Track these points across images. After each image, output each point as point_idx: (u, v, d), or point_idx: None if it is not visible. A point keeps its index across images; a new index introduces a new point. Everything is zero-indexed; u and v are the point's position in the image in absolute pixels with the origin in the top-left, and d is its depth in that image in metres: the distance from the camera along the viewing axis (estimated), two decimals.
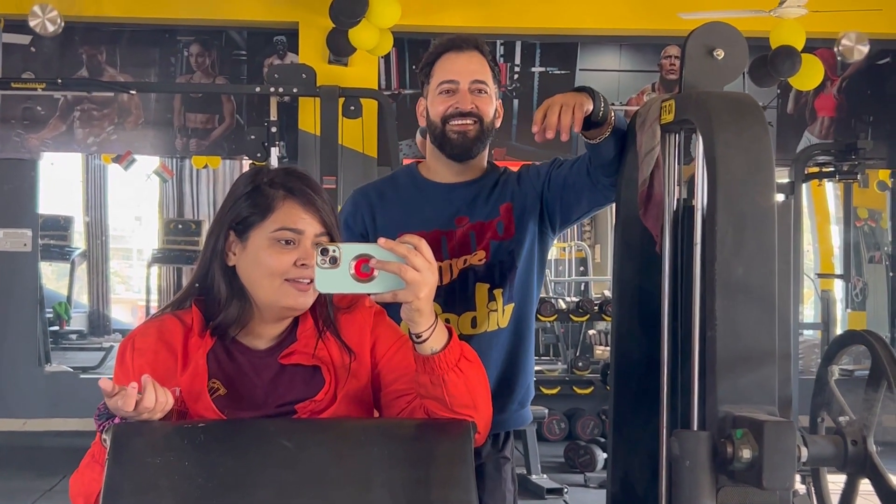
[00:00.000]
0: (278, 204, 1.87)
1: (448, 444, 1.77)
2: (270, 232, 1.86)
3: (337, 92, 6.68)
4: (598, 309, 6.76)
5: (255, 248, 1.87)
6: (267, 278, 1.86)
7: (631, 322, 2.30)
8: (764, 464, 1.66)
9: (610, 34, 7.78)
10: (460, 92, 2.49)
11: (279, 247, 1.85)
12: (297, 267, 1.84)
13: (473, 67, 2.51)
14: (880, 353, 1.95)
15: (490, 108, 2.53)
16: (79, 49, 7.54)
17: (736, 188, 1.83)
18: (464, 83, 2.49)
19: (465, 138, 2.50)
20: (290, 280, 1.84)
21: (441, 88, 2.51)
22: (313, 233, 1.86)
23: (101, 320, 12.26)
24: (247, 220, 1.88)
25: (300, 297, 1.86)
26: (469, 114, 2.49)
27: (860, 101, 8.03)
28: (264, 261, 1.86)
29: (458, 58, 2.52)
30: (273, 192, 1.88)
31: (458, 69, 2.51)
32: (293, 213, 1.87)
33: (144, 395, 1.71)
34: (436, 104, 2.52)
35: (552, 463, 6.52)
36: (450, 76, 2.51)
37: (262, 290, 1.87)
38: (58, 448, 6.64)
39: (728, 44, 2.10)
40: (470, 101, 2.49)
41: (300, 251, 1.85)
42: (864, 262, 9.22)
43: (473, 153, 2.53)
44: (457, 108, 2.49)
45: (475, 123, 2.49)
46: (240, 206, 1.90)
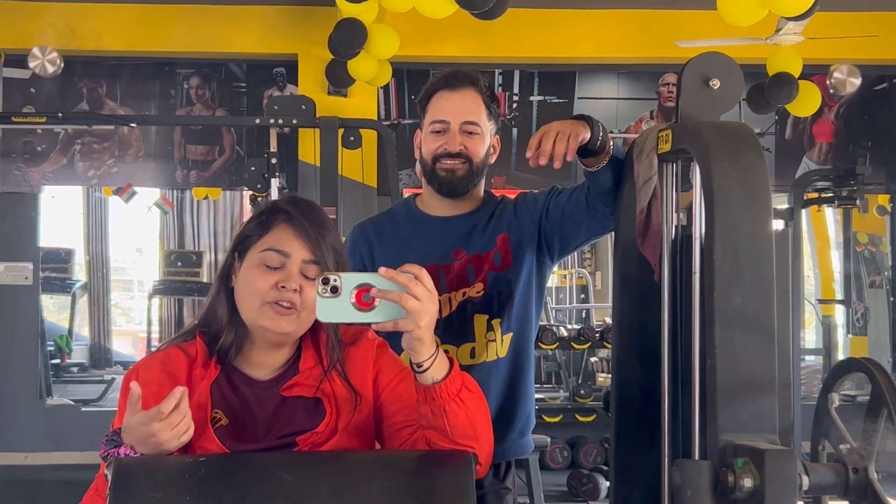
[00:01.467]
0: (273, 226, 1.91)
1: (449, 476, 1.77)
2: (259, 252, 1.89)
3: (336, 123, 6.70)
4: (599, 336, 6.75)
5: (246, 266, 1.91)
6: (248, 297, 1.88)
7: (631, 352, 2.30)
8: (765, 493, 1.66)
9: (608, 62, 7.81)
10: (450, 133, 2.50)
11: (263, 268, 1.87)
12: (277, 289, 1.85)
13: (466, 107, 2.52)
14: (880, 381, 1.94)
15: (481, 148, 2.53)
16: (79, 83, 7.57)
17: (733, 218, 1.84)
18: (454, 124, 2.50)
19: (454, 177, 2.51)
20: (270, 303, 1.85)
21: (432, 128, 2.53)
22: (300, 258, 1.88)
23: (103, 353, 12.22)
24: (247, 240, 1.93)
25: (277, 319, 1.86)
26: (458, 155, 2.50)
27: (858, 127, 8.05)
28: (249, 279, 1.88)
29: (450, 97, 2.53)
30: (275, 217, 1.92)
31: (450, 109, 2.52)
32: (284, 236, 1.89)
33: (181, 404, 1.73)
34: (428, 142, 2.54)
35: (555, 492, 6.50)
36: (441, 116, 2.52)
37: (244, 309, 1.90)
38: (59, 482, 6.61)
39: (724, 74, 2.11)
40: (459, 143, 2.50)
41: (282, 274, 1.86)
42: (864, 287, 9.20)
43: (461, 191, 2.54)
44: (445, 149, 2.50)
45: (464, 164, 2.51)
46: (246, 229, 1.95)
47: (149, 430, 1.73)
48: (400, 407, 1.93)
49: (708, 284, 1.84)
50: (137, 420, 1.75)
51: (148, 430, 1.73)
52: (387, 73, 6.91)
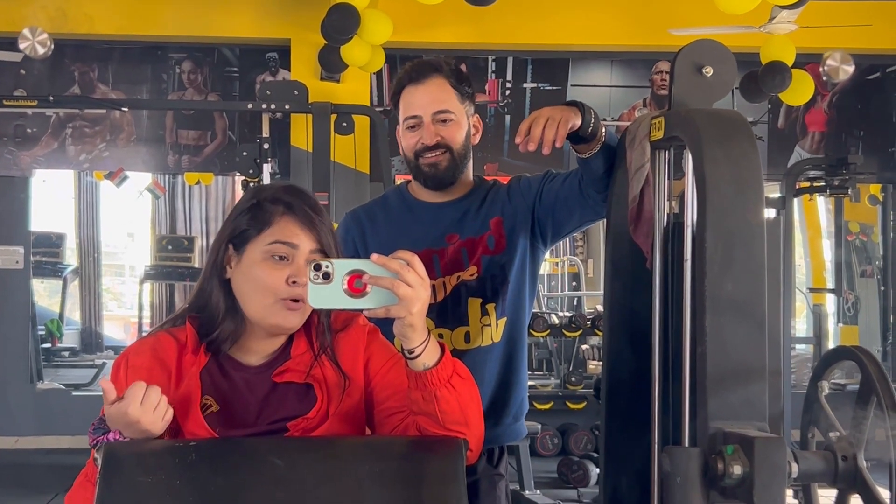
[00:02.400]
0: (276, 219, 1.89)
1: (439, 462, 1.77)
2: (265, 245, 1.87)
3: (329, 108, 6.68)
4: (590, 324, 6.76)
5: (249, 261, 1.88)
6: (259, 294, 1.86)
7: (622, 339, 2.31)
8: (755, 480, 1.66)
9: (601, 50, 7.80)
10: (424, 126, 2.50)
11: (272, 262, 1.86)
12: (289, 285, 1.85)
13: (434, 97, 2.51)
14: (869, 369, 1.95)
15: (458, 134, 2.52)
16: (70, 66, 7.54)
17: (725, 205, 1.83)
18: (426, 116, 2.50)
19: (438, 170, 2.51)
20: (283, 299, 1.85)
21: (406, 124, 2.53)
22: (308, 249, 1.87)
23: (94, 337, 12.22)
24: (245, 233, 1.90)
25: (289, 315, 1.86)
26: (436, 146, 2.49)
27: (851, 116, 8.06)
28: (257, 275, 1.86)
29: (416, 90, 2.52)
30: (272, 208, 1.90)
31: (418, 102, 2.51)
32: (289, 228, 1.88)
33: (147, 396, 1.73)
34: (405, 138, 2.55)
35: (545, 478, 6.51)
36: (411, 111, 2.52)
37: (252, 306, 1.88)
38: (49, 466, 6.62)
39: (717, 61, 2.10)
40: (434, 134, 2.49)
41: (293, 267, 1.85)
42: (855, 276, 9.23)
43: (448, 181, 2.54)
44: (423, 143, 2.50)
45: (444, 153, 2.50)
46: (240, 220, 1.92)
47: (130, 418, 1.72)
48: (391, 393, 1.93)
49: (699, 271, 1.84)
50: (115, 410, 1.74)
51: (129, 418, 1.72)
52: (380, 58, 6.90)
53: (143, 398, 1.73)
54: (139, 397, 1.73)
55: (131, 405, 1.72)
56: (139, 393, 1.73)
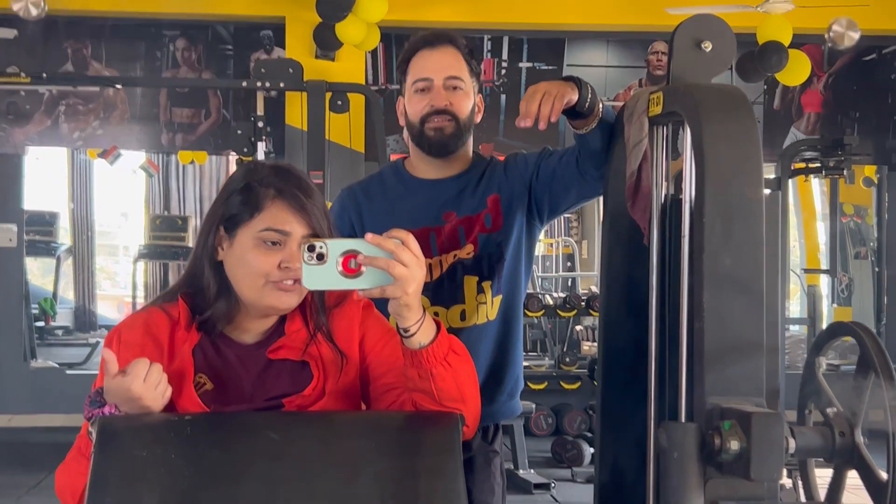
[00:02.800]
0: (267, 204, 1.86)
1: (436, 435, 1.77)
2: (257, 231, 1.85)
3: (324, 87, 6.67)
4: (585, 304, 6.77)
5: (241, 246, 1.86)
6: (250, 278, 1.85)
7: (619, 314, 2.30)
8: (752, 455, 1.66)
9: (597, 30, 7.79)
10: (434, 89, 2.48)
11: (264, 247, 1.85)
12: (281, 269, 1.83)
13: (447, 63, 2.49)
14: (868, 345, 1.94)
15: (466, 104, 2.51)
16: (64, 43, 7.50)
17: (724, 180, 1.83)
18: (438, 80, 2.48)
19: (442, 135, 2.49)
20: (274, 281, 1.84)
21: (416, 87, 2.50)
22: (300, 235, 1.85)
23: (87, 316, 12.22)
24: (236, 217, 1.88)
25: (283, 296, 1.85)
26: (444, 111, 2.47)
27: (846, 97, 8.06)
28: (249, 260, 1.85)
29: (431, 55, 2.50)
30: (264, 192, 1.87)
31: (432, 66, 2.49)
32: (281, 214, 1.86)
33: (150, 373, 1.72)
34: (413, 103, 2.52)
35: (539, 458, 6.53)
36: (423, 74, 2.49)
37: (245, 289, 1.87)
38: (43, 444, 6.61)
39: (716, 36, 2.09)
40: (444, 98, 2.47)
41: (285, 253, 1.84)
42: (849, 257, 9.26)
43: (451, 150, 2.52)
44: (432, 106, 2.47)
45: (451, 121, 2.48)
46: (231, 203, 1.89)
47: (132, 394, 1.72)
48: (386, 369, 1.92)
49: (697, 247, 1.83)
50: (116, 385, 1.73)
51: (132, 394, 1.72)
52: (375, 37, 6.88)
53: (146, 375, 1.72)
54: (142, 374, 1.72)
55: (135, 381, 1.71)
56: (142, 370, 1.72)
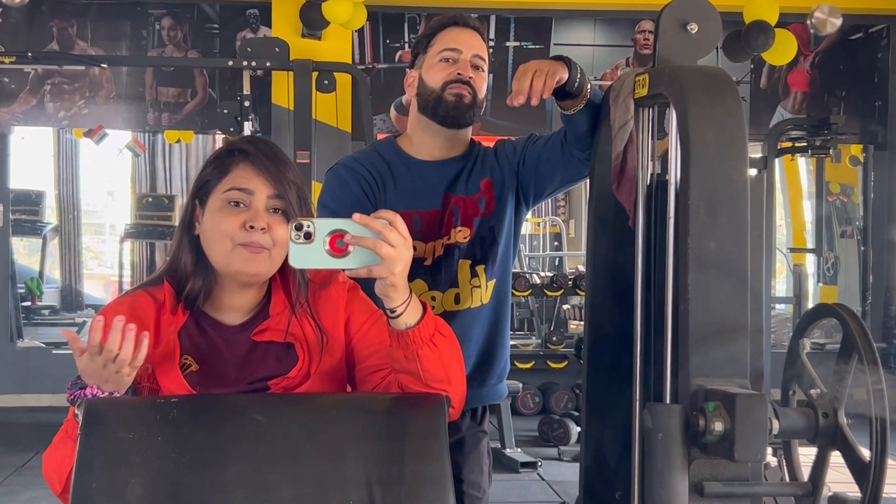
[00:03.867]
0: (233, 167, 1.88)
1: (422, 418, 1.78)
2: (222, 193, 1.87)
3: (310, 66, 6.64)
4: (572, 284, 6.78)
5: (210, 211, 1.88)
6: (218, 241, 1.85)
7: (604, 296, 2.31)
8: (736, 436, 1.67)
9: (584, 8, 7.77)
10: (462, 61, 2.49)
11: (228, 209, 1.85)
12: (246, 230, 1.83)
13: (476, 43, 2.53)
14: (851, 327, 1.95)
15: (483, 86, 2.54)
16: (49, 22, 7.45)
17: (709, 162, 1.83)
18: (466, 54, 2.50)
19: (461, 103, 2.48)
20: (242, 244, 1.83)
21: (442, 56, 2.50)
22: (265, 195, 1.85)
23: (74, 296, 12.19)
24: (207, 184, 1.90)
25: (251, 260, 1.84)
26: (467, 83, 2.48)
27: (833, 76, 8.06)
28: (215, 223, 1.86)
29: (462, 32, 2.53)
30: (231, 158, 1.89)
31: (463, 41, 2.52)
32: (244, 174, 1.87)
33: (124, 342, 1.69)
34: (435, 70, 2.51)
35: (526, 437, 6.56)
36: (454, 44, 2.51)
37: (214, 254, 1.87)
38: (30, 424, 6.62)
39: (701, 18, 2.09)
40: (470, 71, 2.49)
41: (249, 213, 1.84)
42: (835, 236, 9.28)
43: (464, 120, 2.51)
44: (459, 74, 2.48)
45: (470, 93, 2.49)
46: (203, 174, 1.92)
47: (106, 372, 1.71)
48: (372, 351, 1.93)
49: (682, 229, 1.84)
50: (85, 361, 1.72)
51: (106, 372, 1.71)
52: (362, 15, 6.85)
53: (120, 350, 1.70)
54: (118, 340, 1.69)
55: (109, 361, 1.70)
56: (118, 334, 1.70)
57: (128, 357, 1.69)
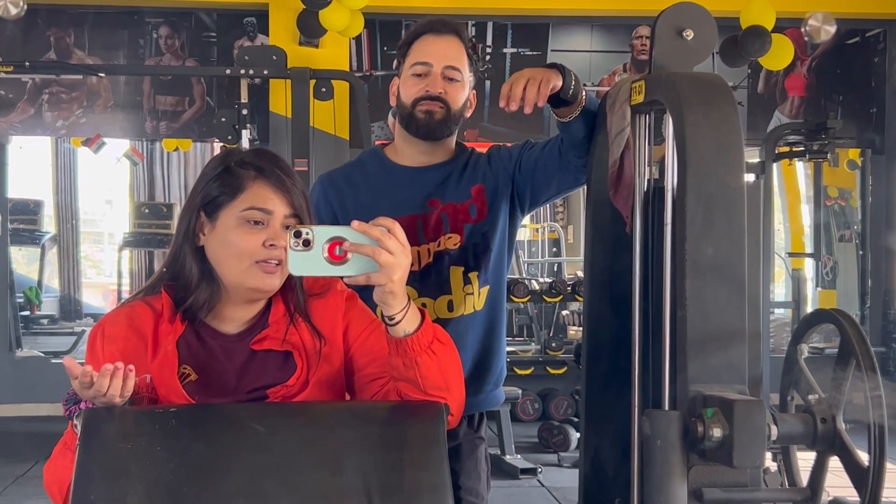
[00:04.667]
0: (248, 184, 1.87)
1: (420, 426, 1.78)
2: (239, 212, 1.85)
3: (308, 74, 6.65)
4: (571, 289, 6.78)
5: (223, 227, 1.87)
6: (235, 259, 1.85)
7: (602, 303, 2.31)
8: (734, 442, 1.67)
9: (581, 15, 7.78)
10: (432, 75, 2.48)
11: (248, 227, 1.85)
12: (266, 248, 1.84)
13: (449, 53, 2.50)
14: (849, 332, 1.96)
15: (460, 96, 2.51)
16: (46, 31, 7.46)
17: (705, 169, 1.83)
18: (437, 67, 2.48)
19: (431, 119, 2.48)
20: (259, 262, 1.84)
21: (414, 70, 2.50)
22: (282, 214, 1.86)
23: (73, 305, 12.19)
24: (216, 199, 1.88)
25: (267, 278, 1.85)
26: (438, 98, 2.47)
27: (830, 81, 8.07)
28: (233, 241, 1.85)
29: (435, 41, 2.50)
30: (244, 173, 1.88)
31: (434, 52, 2.49)
32: (263, 193, 1.86)
33: (112, 382, 1.70)
34: (408, 85, 2.51)
35: (526, 443, 6.55)
36: (424, 58, 2.49)
37: (229, 271, 1.87)
38: (29, 433, 6.61)
39: (697, 24, 2.10)
40: (440, 86, 2.47)
41: (269, 232, 1.85)
42: (834, 240, 9.28)
43: (437, 135, 2.52)
44: (427, 91, 2.47)
45: (442, 108, 2.48)
46: (210, 187, 1.89)
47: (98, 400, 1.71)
48: (371, 359, 1.93)
49: (679, 235, 1.84)
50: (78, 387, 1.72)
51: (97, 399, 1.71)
52: (359, 23, 6.86)
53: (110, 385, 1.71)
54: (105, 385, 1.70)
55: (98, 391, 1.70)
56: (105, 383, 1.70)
57: (117, 392, 1.71)
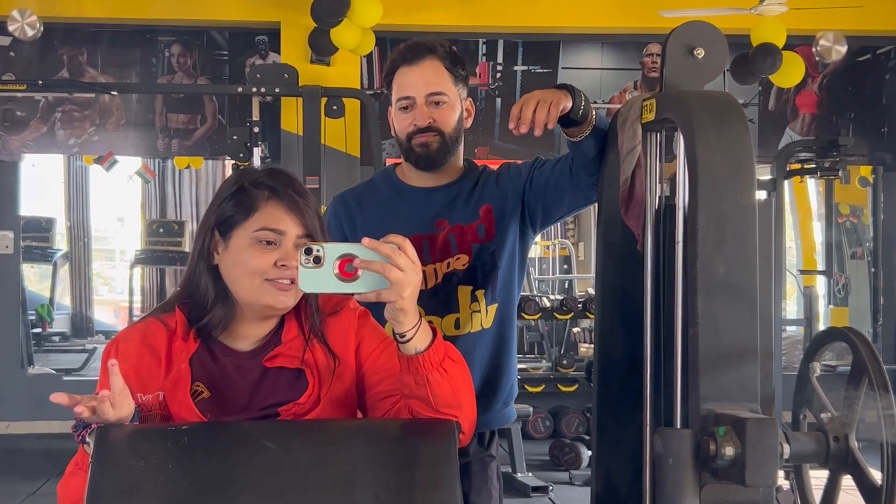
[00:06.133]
0: (261, 204, 1.88)
1: (432, 444, 1.78)
2: (252, 231, 1.86)
3: (319, 92, 6.67)
4: (581, 307, 6.77)
5: (237, 247, 1.87)
6: (247, 277, 1.86)
7: (614, 321, 2.31)
8: (747, 461, 1.66)
9: (592, 32, 7.78)
10: (417, 108, 2.48)
11: (260, 247, 1.86)
12: (278, 268, 1.84)
13: (427, 79, 2.49)
14: (861, 350, 1.95)
15: (451, 117, 2.51)
16: (59, 50, 7.50)
17: (717, 187, 1.83)
18: (419, 98, 2.48)
19: (429, 150, 2.49)
20: (271, 280, 1.85)
21: (399, 105, 2.51)
22: (295, 234, 1.87)
23: (84, 322, 12.22)
24: (230, 219, 1.89)
25: (280, 296, 1.86)
26: (428, 128, 2.48)
27: (841, 98, 8.06)
28: (245, 260, 1.86)
29: (410, 72, 2.50)
30: (257, 193, 1.89)
31: (412, 84, 2.49)
32: (276, 213, 1.87)
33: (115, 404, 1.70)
34: (398, 120, 2.53)
35: (537, 461, 6.53)
36: (404, 92, 2.50)
37: (242, 290, 1.87)
38: (41, 451, 6.62)
39: (708, 42, 2.10)
40: (427, 116, 2.47)
41: (281, 252, 1.85)
42: (846, 258, 9.25)
43: (439, 163, 2.53)
44: (415, 125, 2.48)
45: (436, 136, 2.49)
46: (224, 206, 1.91)
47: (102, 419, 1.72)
48: (382, 377, 1.93)
49: (691, 253, 1.84)
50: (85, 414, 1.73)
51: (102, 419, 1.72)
52: (370, 41, 6.88)
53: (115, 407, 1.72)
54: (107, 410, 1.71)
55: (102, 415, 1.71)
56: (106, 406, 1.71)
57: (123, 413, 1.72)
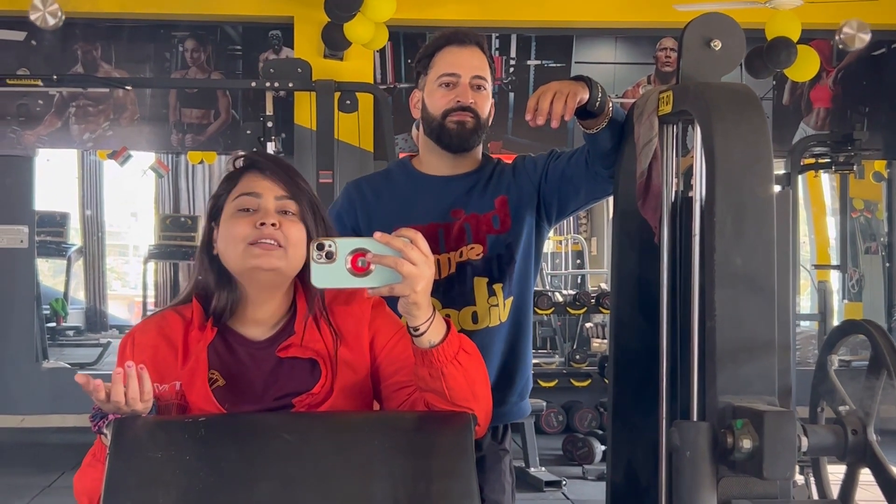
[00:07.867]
0: (241, 176, 1.93)
1: (449, 435, 1.78)
2: (232, 202, 1.90)
3: (333, 86, 6.67)
4: (594, 302, 6.76)
5: (223, 224, 1.91)
6: (232, 245, 1.87)
7: (630, 313, 2.30)
8: (764, 454, 1.66)
9: (605, 27, 7.78)
10: (461, 86, 2.48)
11: (240, 214, 1.88)
12: (257, 227, 1.85)
13: (475, 63, 2.51)
14: (880, 343, 1.94)
15: (487, 105, 2.53)
16: (74, 45, 7.52)
17: (735, 179, 1.83)
18: (465, 77, 2.49)
19: (463, 129, 2.49)
20: (254, 243, 1.85)
21: (442, 81, 2.50)
22: (273, 195, 1.89)
23: (98, 316, 12.26)
24: (219, 200, 1.94)
25: (265, 256, 1.85)
26: (468, 108, 2.48)
27: (856, 92, 8.03)
28: (229, 230, 1.89)
29: (460, 52, 2.51)
30: (239, 170, 1.95)
31: (461, 63, 2.50)
32: (253, 180, 1.92)
33: (129, 386, 1.71)
34: (436, 97, 2.51)
35: (550, 456, 6.53)
36: (452, 69, 2.50)
37: (231, 260, 1.89)
38: (56, 444, 6.65)
39: (725, 34, 2.09)
40: (471, 96, 2.48)
41: (260, 213, 1.87)
42: (860, 253, 9.23)
43: (469, 145, 2.52)
44: (458, 101, 2.47)
45: (473, 117, 2.49)
46: (216, 192, 1.96)
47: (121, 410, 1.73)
48: (398, 367, 1.93)
49: (708, 246, 1.84)
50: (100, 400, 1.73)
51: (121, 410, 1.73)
52: (383, 36, 6.88)
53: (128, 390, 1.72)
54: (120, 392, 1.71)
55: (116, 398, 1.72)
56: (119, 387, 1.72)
57: (136, 396, 1.72)
